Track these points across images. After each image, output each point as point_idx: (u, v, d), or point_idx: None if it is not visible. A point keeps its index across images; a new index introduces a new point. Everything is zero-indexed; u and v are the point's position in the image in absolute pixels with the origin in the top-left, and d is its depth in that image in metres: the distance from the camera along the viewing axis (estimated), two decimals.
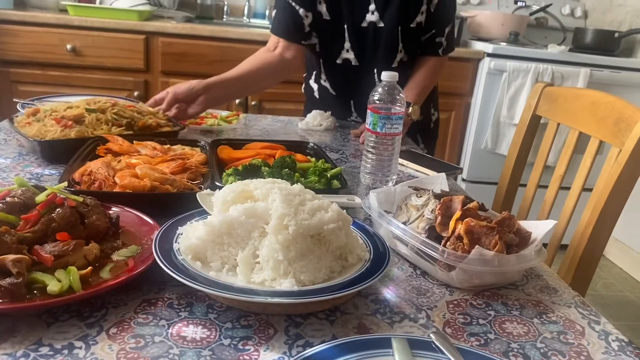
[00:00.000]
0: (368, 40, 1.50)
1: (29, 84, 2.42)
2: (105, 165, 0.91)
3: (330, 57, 1.55)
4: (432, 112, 1.75)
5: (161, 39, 2.44)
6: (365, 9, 1.47)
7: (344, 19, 1.48)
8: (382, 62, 1.52)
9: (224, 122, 1.46)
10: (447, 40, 1.54)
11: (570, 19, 3.20)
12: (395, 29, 1.48)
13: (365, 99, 1.58)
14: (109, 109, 1.17)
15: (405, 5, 1.46)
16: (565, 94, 1.42)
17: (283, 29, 1.49)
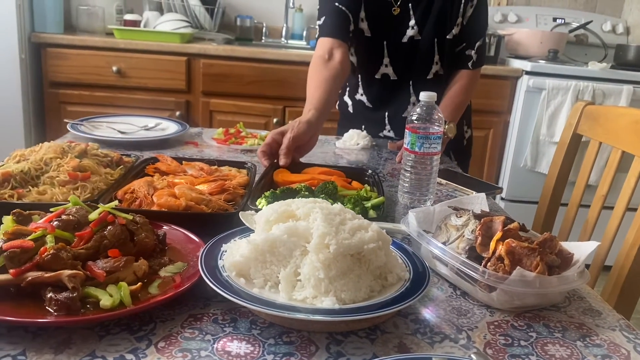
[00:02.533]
0: (406, 54, 1.53)
1: (76, 105, 2.52)
2: (147, 184, 0.95)
3: (370, 72, 1.59)
4: (465, 130, 1.75)
5: (202, 61, 2.51)
6: (406, 25, 1.51)
7: (384, 36, 1.53)
8: (418, 75, 1.56)
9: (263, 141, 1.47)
10: (478, 54, 1.54)
11: (611, 36, 3.15)
12: (432, 41, 1.51)
13: (400, 112, 1.62)
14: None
15: (443, 18, 1.49)
16: (606, 112, 1.40)
17: (337, 30, 1.47)
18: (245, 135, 1.53)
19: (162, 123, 1.56)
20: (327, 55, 1.45)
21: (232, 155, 1.39)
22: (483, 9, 1.52)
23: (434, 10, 1.49)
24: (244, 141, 1.48)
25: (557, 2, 3.29)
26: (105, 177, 0.95)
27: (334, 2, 1.48)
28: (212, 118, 2.61)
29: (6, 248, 0.65)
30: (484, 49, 1.56)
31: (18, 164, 0.89)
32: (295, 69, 2.56)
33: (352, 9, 1.48)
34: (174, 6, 2.75)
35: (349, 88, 1.69)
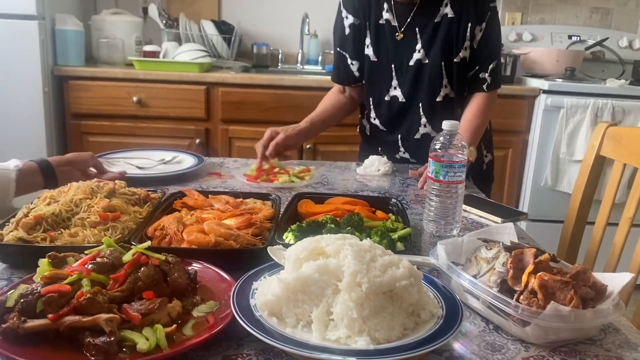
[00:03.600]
0: (414, 77, 1.56)
1: (98, 135, 2.57)
2: (177, 221, 0.96)
3: (379, 95, 1.64)
4: (485, 154, 1.76)
5: (221, 89, 2.55)
6: (412, 49, 1.54)
7: (391, 60, 1.57)
8: (427, 97, 1.58)
9: (296, 178, 1.44)
10: (492, 77, 1.54)
11: (628, 51, 3.13)
12: (439, 65, 1.53)
13: (411, 134, 1.66)
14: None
15: (449, 41, 1.50)
16: (630, 134, 1.39)
17: (337, 76, 1.71)
18: (278, 172, 1.47)
19: (178, 156, 1.56)
20: (341, 89, 1.74)
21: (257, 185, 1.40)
22: (494, 32, 1.52)
23: (440, 34, 1.51)
24: (276, 178, 1.43)
25: (571, 20, 3.29)
26: (135, 215, 0.97)
27: (337, 47, 1.66)
28: (231, 145, 2.64)
29: (44, 293, 0.66)
30: (498, 71, 1.55)
31: (49, 207, 0.91)
32: (311, 94, 2.58)
33: (352, 50, 1.61)
34: (192, 36, 2.80)
35: (366, 111, 1.73)
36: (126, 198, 1.01)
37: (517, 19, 3.26)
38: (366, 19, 1.56)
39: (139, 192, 1.07)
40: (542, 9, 3.27)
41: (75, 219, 0.91)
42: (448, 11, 1.49)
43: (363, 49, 1.59)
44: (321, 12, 3.16)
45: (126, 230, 0.92)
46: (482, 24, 1.49)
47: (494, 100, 1.58)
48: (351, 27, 1.58)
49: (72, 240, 0.86)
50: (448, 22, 1.49)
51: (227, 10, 3.15)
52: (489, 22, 1.49)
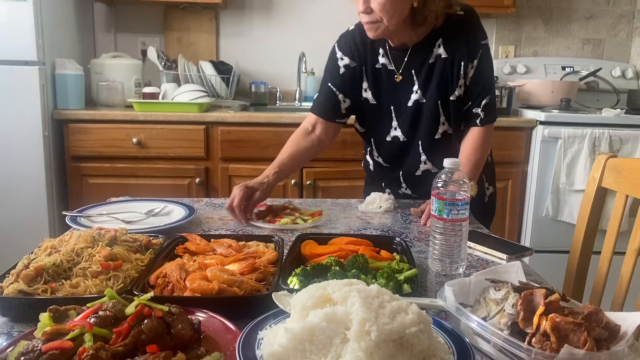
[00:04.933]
0: (412, 116, 1.58)
1: (98, 177, 2.57)
2: (179, 268, 0.95)
3: (380, 135, 1.65)
4: (487, 187, 1.75)
5: (220, 128, 2.56)
6: (410, 90, 1.56)
7: (390, 102, 1.59)
8: (426, 135, 1.59)
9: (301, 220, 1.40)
10: (485, 111, 1.54)
11: (621, 81, 3.17)
12: (436, 104, 1.54)
13: (412, 171, 1.67)
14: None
15: (444, 81, 1.52)
16: (631, 165, 1.39)
17: (322, 110, 1.65)
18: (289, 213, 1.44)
19: (167, 206, 1.47)
20: (310, 128, 1.66)
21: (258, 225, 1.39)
22: (485, 68, 1.53)
23: (435, 74, 1.53)
24: (280, 218, 1.39)
25: (564, 51, 3.35)
26: (136, 263, 0.95)
27: (327, 82, 1.63)
28: (231, 183, 2.63)
29: (45, 350, 0.64)
30: (492, 106, 1.56)
31: (50, 257, 0.90)
32: None
33: (345, 89, 1.61)
34: (190, 77, 2.84)
35: (369, 149, 1.75)
36: (128, 245, 1.00)
37: (510, 52, 3.31)
38: (362, 63, 1.59)
39: (141, 239, 1.06)
40: (535, 41, 3.33)
41: (76, 269, 0.89)
42: (441, 52, 1.51)
43: (359, 91, 1.61)
44: (317, 51, 3.19)
45: (128, 279, 0.90)
46: (473, 61, 1.50)
47: (490, 134, 1.59)
48: (346, 67, 1.60)
49: (74, 291, 0.85)
50: (442, 62, 1.51)
51: (224, 51, 3.21)
52: (481, 59, 1.51)
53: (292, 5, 3.22)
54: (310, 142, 1.65)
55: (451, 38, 1.49)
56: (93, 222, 1.29)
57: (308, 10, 3.22)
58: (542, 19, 3.31)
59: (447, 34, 1.49)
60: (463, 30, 1.49)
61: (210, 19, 3.16)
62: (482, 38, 1.52)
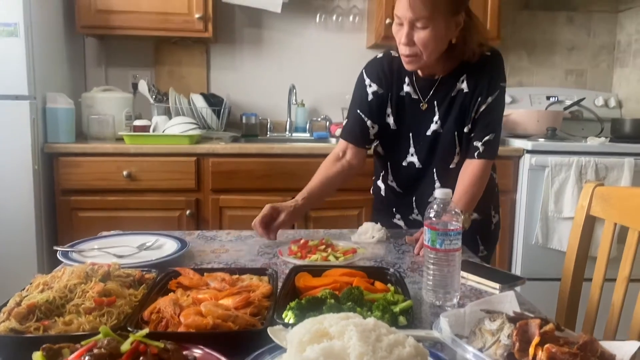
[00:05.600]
0: (430, 145, 1.64)
1: (88, 210, 2.55)
2: (173, 303, 0.94)
3: (397, 160, 1.71)
4: (493, 215, 1.79)
5: (211, 159, 2.57)
6: (430, 120, 1.62)
7: (410, 129, 1.65)
8: (441, 164, 1.65)
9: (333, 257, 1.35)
10: (485, 147, 1.58)
11: (605, 110, 3.24)
12: (453, 134, 1.60)
13: (425, 197, 1.71)
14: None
15: (462, 113, 1.58)
16: (618, 193, 1.42)
17: (352, 136, 1.70)
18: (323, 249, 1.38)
19: (159, 239, 1.45)
20: (340, 153, 1.71)
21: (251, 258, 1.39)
22: (496, 108, 1.58)
23: (455, 106, 1.59)
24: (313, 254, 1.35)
25: (548, 81, 3.42)
26: (130, 299, 0.95)
27: (356, 108, 1.69)
28: (222, 214, 2.63)
29: None
30: (493, 145, 1.59)
31: (42, 294, 0.89)
32: (301, 161, 2.62)
33: (373, 115, 1.66)
34: (181, 110, 2.86)
35: (382, 173, 1.80)
36: (121, 280, 1.00)
37: None
38: (389, 90, 1.64)
39: (134, 274, 1.05)
40: (519, 72, 3.41)
41: (69, 305, 0.89)
42: (464, 86, 1.57)
43: (384, 117, 1.66)
44: (307, 83, 3.26)
45: (122, 315, 0.89)
46: (489, 98, 1.55)
47: (487, 169, 1.61)
48: (374, 94, 1.65)
49: (67, 328, 0.84)
50: (463, 96, 1.57)
51: (215, 83, 3.24)
52: (496, 98, 1.56)
53: (281, 39, 3.27)
54: (340, 167, 1.70)
55: (475, 74, 1.55)
56: (85, 257, 1.28)
57: (297, 43, 3.28)
58: (526, 51, 3.40)
59: (472, 71, 1.55)
60: (486, 69, 1.55)
61: (201, 53, 3.20)
62: (502, 80, 1.58)
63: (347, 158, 1.70)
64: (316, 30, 3.27)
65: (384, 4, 2.90)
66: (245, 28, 3.25)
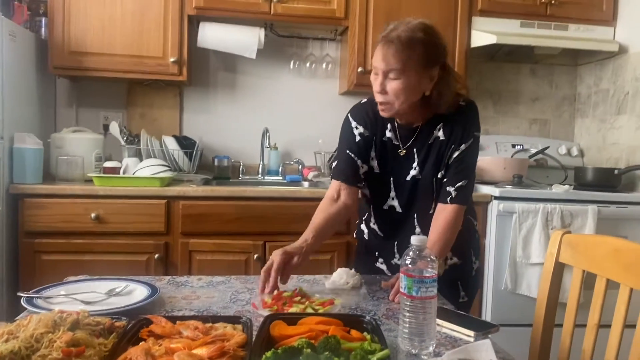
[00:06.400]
0: (409, 190, 1.68)
1: (52, 253, 2.47)
2: (145, 353, 0.91)
3: (379, 203, 1.74)
4: (474, 261, 1.82)
5: (182, 202, 2.54)
6: (410, 166, 1.67)
7: (391, 173, 1.69)
8: (421, 209, 1.68)
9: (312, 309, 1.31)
10: (457, 192, 1.61)
11: (568, 158, 3.36)
12: (431, 180, 1.64)
13: (406, 242, 1.66)
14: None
15: (439, 160, 1.63)
16: (585, 241, 1.46)
17: (344, 175, 1.73)
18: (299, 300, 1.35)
19: (129, 285, 1.41)
20: (335, 195, 1.72)
21: (223, 304, 1.36)
22: (468, 156, 1.62)
23: (432, 154, 1.64)
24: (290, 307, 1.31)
25: (513, 130, 3.55)
26: (100, 348, 0.91)
27: (345, 149, 1.72)
28: (191, 258, 2.59)
29: None
30: (465, 190, 1.62)
31: (7, 344, 0.85)
32: (273, 205, 2.62)
33: (362, 155, 1.70)
34: (153, 152, 2.84)
35: (365, 217, 1.83)
36: (90, 329, 0.96)
37: None
38: (374, 133, 1.70)
39: (103, 322, 1.02)
40: (486, 120, 3.52)
41: (35, 356, 0.85)
42: (440, 134, 1.62)
43: (369, 159, 1.71)
44: (281, 127, 3.30)
45: None
46: (462, 145, 1.61)
47: (460, 215, 1.64)
48: (361, 135, 1.70)
49: None
50: (439, 143, 1.63)
51: (188, 126, 3.25)
52: (469, 146, 1.61)
53: (255, 83, 3.32)
54: (337, 209, 1.71)
55: (451, 123, 1.61)
56: (51, 304, 1.23)
57: (271, 88, 3.33)
58: (492, 100, 3.52)
59: (448, 120, 1.61)
60: (461, 118, 1.61)
61: (174, 96, 3.21)
62: (477, 129, 1.64)
63: (342, 199, 1.71)
64: (290, 76, 3.33)
65: (356, 53, 2.98)
66: (219, 72, 3.29)
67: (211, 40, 2.98)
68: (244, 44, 2.98)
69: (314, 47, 3.31)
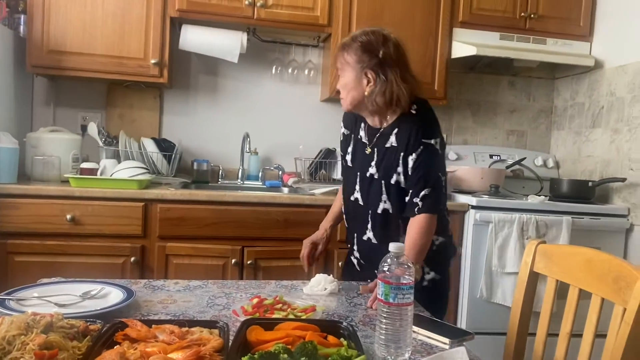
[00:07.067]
0: (368, 186, 1.80)
1: (25, 254, 2.42)
2: (119, 356, 0.90)
3: (348, 194, 1.89)
4: (427, 272, 1.83)
5: (159, 205, 2.52)
6: (370, 164, 1.79)
7: (358, 168, 1.84)
8: (373, 205, 1.79)
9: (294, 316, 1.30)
10: (423, 202, 1.67)
11: (543, 169, 3.42)
12: (381, 182, 1.75)
13: (361, 235, 1.86)
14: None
15: (389, 165, 1.73)
16: (559, 251, 1.49)
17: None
18: (280, 308, 1.34)
19: (104, 288, 1.39)
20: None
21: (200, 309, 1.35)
22: (424, 163, 1.67)
23: (386, 158, 1.74)
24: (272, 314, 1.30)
25: (491, 140, 3.60)
26: (73, 351, 0.90)
27: (341, 150, 1.95)
28: (168, 262, 2.56)
29: None
30: (430, 199, 1.66)
31: None
32: (252, 210, 2.61)
33: (344, 151, 1.92)
34: (131, 154, 2.81)
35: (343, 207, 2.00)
36: (64, 332, 0.95)
37: None
38: (352, 132, 1.89)
39: (78, 325, 1.00)
40: (464, 130, 3.57)
41: (7, 358, 0.83)
42: (393, 140, 1.73)
43: (347, 153, 1.90)
44: (261, 132, 3.30)
45: None
46: (412, 154, 1.67)
47: (432, 222, 1.68)
48: (344, 135, 1.94)
49: None
50: (391, 149, 1.73)
51: (168, 128, 3.22)
52: (420, 154, 1.66)
53: (237, 87, 3.31)
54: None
55: (401, 130, 1.70)
56: (23, 306, 1.21)
57: (252, 93, 3.33)
58: (471, 111, 3.57)
59: (400, 127, 1.71)
60: (410, 126, 1.68)
61: (154, 97, 3.19)
62: (427, 137, 1.67)
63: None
64: (272, 81, 3.33)
65: None
66: (201, 75, 3.27)
67: (193, 43, 2.97)
68: (226, 48, 2.98)
69: (297, 53, 3.32)
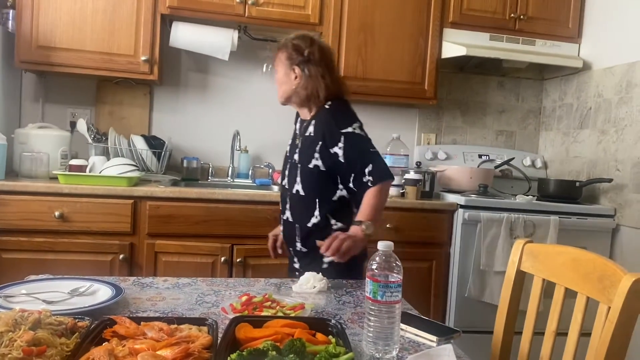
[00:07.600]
0: (289, 171, 2.00)
1: (13, 251, 2.41)
2: (108, 354, 0.90)
3: (280, 180, 2.13)
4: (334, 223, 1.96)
5: (149, 203, 2.51)
6: (295, 152, 2.00)
7: (289, 156, 2.04)
8: (290, 187, 1.98)
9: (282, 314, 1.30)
10: (371, 176, 1.84)
11: (532, 170, 3.45)
12: (297, 166, 1.96)
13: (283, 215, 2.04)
14: None
15: (306, 152, 1.93)
16: (545, 250, 1.50)
17: None
18: (269, 306, 1.33)
19: (93, 285, 1.39)
20: None
21: (189, 306, 1.35)
22: (353, 148, 1.86)
23: (306, 144, 1.95)
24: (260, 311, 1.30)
25: (480, 140, 3.62)
26: (62, 348, 0.90)
27: None
28: (157, 260, 2.55)
29: None
30: (376, 169, 1.84)
31: None
32: (242, 208, 2.61)
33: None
34: (120, 151, 2.80)
35: None
36: (52, 328, 0.95)
37: (432, 139, 3.54)
38: (295, 124, 2.11)
39: (66, 321, 1.00)
40: (453, 130, 3.59)
41: None
42: (311, 130, 1.94)
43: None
44: (251, 130, 3.30)
45: None
46: (336, 146, 1.86)
47: (385, 188, 1.88)
48: (293, 130, 2.11)
49: None
50: (310, 138, 1.94)
51: (157, 125, 3.21)
52: (345, 143, 1.86)
53: (227, 85, 3.31)
54: None
55: (317, 122, 1.93)
56: (11, 303, 1.20)
57: (243, 91, 3.32)
58: (460, 111, 3.59)
59: (316, 119, 1.94)
60: (325, 119, 1.91)
61: (144, 94, 3.17)
62: (344, 127, 1.88)
63: None
64: (262, 79, 3.33)
65: None
66: (191, 72, 3.27)
67: (183, 40, 2.96)
68: (217, 46, 2.97)
69: None
